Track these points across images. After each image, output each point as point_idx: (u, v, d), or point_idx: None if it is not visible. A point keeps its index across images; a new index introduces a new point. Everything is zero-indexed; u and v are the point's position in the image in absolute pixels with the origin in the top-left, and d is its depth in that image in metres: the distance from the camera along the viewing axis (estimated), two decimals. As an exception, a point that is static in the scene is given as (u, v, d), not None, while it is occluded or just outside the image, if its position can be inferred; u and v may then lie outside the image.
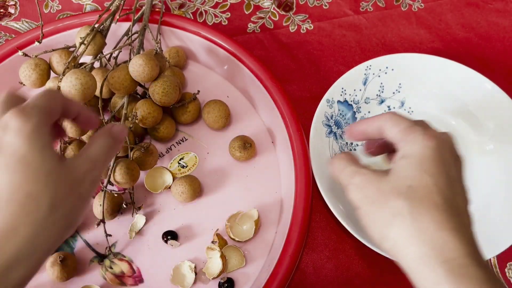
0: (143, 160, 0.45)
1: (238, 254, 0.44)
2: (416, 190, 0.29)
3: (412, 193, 0.29)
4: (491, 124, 0.49)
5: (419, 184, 0.29)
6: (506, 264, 0.47)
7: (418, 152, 0.30)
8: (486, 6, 0.59)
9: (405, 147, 0.31)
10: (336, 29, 0.57)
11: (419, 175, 0.29)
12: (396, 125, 0.33)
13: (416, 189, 0.29)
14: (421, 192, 0.29)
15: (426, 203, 0.29)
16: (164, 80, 0.44)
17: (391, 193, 0.30)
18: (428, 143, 0.30)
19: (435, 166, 0.30)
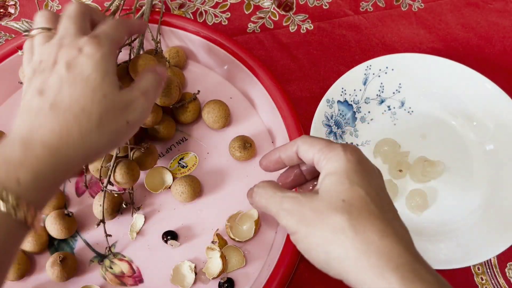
0: (143, 160, 0.45)
1: (238, 254, 0.44)
2: (351, 203, 0.29)
3: (348, 206, 0.29)
4: (491, 124, 0.49)
5: (352, 196, 0.29)
6: (506, 264, 0.47)
7: (343, 167, 0.30)
8: (486, 6, 0.59)
9: (327, 165, 0.31)
10: (336, 29, 0.57)
11: (349, 188, 0.30)
12: (312, 146, 0.33)
13: (350, 201, 0.29)
14: (357, 204, 0.29)
15: (364, 213, 0.29)
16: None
17: (327, 210, 0.29)
18: (350, 157, 0.31)
19: (362, 177, 0.30)
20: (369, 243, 0.28)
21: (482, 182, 0.48)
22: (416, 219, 0.47)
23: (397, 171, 0.49)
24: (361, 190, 0.30)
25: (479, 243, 0.45)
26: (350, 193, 0.29)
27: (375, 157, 0.50)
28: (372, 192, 0.30)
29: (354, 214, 0.29)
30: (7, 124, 0.49)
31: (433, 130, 0.51)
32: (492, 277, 0.46)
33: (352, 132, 0.51)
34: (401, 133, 0.51)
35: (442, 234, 0.46)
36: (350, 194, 0.29)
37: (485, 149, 0.49)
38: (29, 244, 0.42)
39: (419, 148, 0.50)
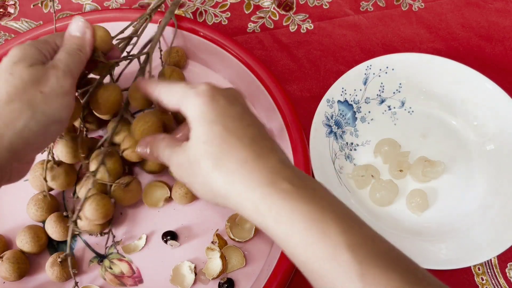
0: (121, 197, 0.43)
1: (238, 254, 0.44)
2: (211, 143, 0.31)
3: (209, 147, 0.31)
4: (492, 124, 0.49)
5: (210, 136, 0.31)
6: (507, 264, 0.47)
7: (198, 111, 0.32)
8: (486, 6, 0.59)
9: (188, 114, 0.33)
10: (337, 29, 0.57)
11: (207, 128, 0.32)
12: (171, 95, 0.35)
13: (211, 142, 0.31)
14: (216, 141, 0.31)
15: (225, 148, 0.31)
16: (146, 121, 0.40)
17: (196, 158, 0.32)
18: (203, 98, 0.32)
19: (217, 113, 0.32)
20: (232, 172, 0.30)
21: (483, 182, 0.48)
22: (417, 219, 0.47)
23: (397, 171, 0.48)
24: (218, 126, 0.31)
25: (479, 243, 0.44)
26: (208, 134, 0.31)
27: (375, 157, 0.50)
28: (230, 123, 0.32)
29: (215, 154, 0.31)
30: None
31: (434, 130, 0.51)
32: (492, 277, 0.46)
33: (353, 132, 0.51)
34: (402, 133, 0.51)
35: (442, 234, 0.46)
36: (208, 135, 0.31)
37: (485, 149, 0.49)
38: (28, 245, 0.42)
39: (420, 148, 0.50)
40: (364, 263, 0.26)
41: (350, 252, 0.27)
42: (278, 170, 0.30)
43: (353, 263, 0.26)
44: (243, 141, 0.31)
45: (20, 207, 0.45)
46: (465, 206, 0.48)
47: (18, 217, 0.45)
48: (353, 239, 0.27)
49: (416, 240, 0.45)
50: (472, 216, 0.47)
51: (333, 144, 0.49)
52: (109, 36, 0.40)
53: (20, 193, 0.45)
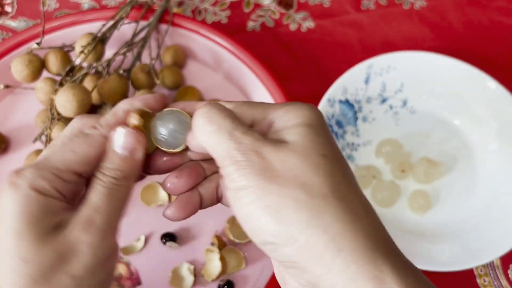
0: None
1: (237, 256, 0.44)
2: (332, 162, 0.23)
3: (330, 166, 0.23)
4: (495, 124, 0.49)
5: (333, 153, 0.23)
6: (509, 265, 0.46)
7: (315, 118, 0.24)
8: (488, 5, 0.59)
9: (291, 117, 0.24)
10: (337, 28, 0.57)
11: (327, 142, 0.24)
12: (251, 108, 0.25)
13: (332, 160, 0.23)
14: (338, 165, 0.23)
15: (345, 178, 0.23)
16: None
17: (304, 165, 0.22)
18: (316, 110, 0.25)
19: (330, 134, 0.25)
20: (357, 216, 0.21)
21: (486, 183, 0.48)
22: (419, 220, 0.47)
23: (399, 172, 0.48)
24: (338, 147, 0.24)
25: (482, 244, 0.44)
26: (330, 149, 0.23)
27: (377, 157, 0.49)
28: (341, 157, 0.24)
29: (337, 178, 0.22)
30: (4, 124, 0.49)
31: (436, 130, 0.51)
32: (494, 279, 0.46)
33: (354, 132, 0.50)
34: (404, 133, 0.50)
35: (444, 236, 0.46)
36: (330, 149, 0.23)
37: (488, 149, 0.49)
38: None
39: (422, 148, 0.49)
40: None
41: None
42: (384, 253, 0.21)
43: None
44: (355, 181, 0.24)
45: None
46: (468, 207, 0.47)
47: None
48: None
49: (418, 241, 0.45)
50: (475, 217, 0.46)
51: (334, 144, 0.48)
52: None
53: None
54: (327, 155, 0.23)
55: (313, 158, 0.22)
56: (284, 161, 0.22)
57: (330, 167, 0.23)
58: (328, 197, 0.22)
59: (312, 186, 0.22)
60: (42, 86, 0.44)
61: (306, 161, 0.22)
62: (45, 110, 0.46)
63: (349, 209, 0.22)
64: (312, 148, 0.23)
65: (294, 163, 0.22)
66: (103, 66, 0.45)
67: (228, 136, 0.23)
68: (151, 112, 0.27)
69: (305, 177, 0.22)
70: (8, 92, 0.51)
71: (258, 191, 0.22)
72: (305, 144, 0.23)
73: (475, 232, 0.45)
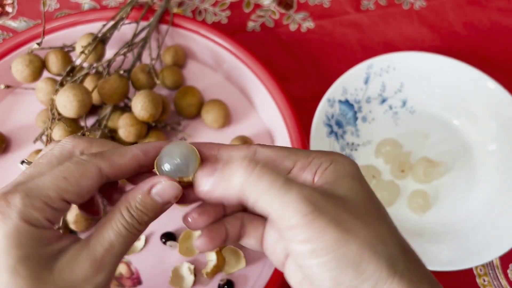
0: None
1: (238, 255, 0.44)
2: (379, 213, 0.25)
3: (383, 216, 0.25)
4: (494, 124, 0.49)
5: (375, 205, 0.25)
6: (508, 265, 0.46)
7: (354, 170, 0.25)
8: (488, 5, 0.59)
9: (330, 167, 0.25)
10: (337, 28, 0.57)
11: (369, 195, 0.25)
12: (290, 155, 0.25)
13: (379, 211, 0.25)
14: (381, 214, 0.25)
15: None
16: (146, 95, 0.43)
17: (365, 214, 0.24)
18: (352, 161, 0.26)
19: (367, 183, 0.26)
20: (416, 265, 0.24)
21: (485, 183, 0.48)
22: (418, 220, 0.47)
23: (399, 172, 0.48)
24: (377, 198, 0.25)
25: (481, 244, 0.44)
26: (373, 201, 0.25)
27: (376, 157, 0.49)
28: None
29: (392, 224, 0.24)
30: (5, 124, 0.49)
31: (436, 130, 0.51)
32: (494, 278, 0.46)
33: (354, 132, 0.50)
34: (403, 133, 0.50)
35: (444, 235, 0.46)
36: (373, 202, 0.25)
37: (488, 149, 0.49)
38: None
39: (421, 148, 0.49)
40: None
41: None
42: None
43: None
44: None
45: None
46: (467, 207, 0.47)
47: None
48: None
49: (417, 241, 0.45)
50: (474, 217, 0.46)
51: (334, 144, 0.48)
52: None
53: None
54: (376, 208, 0.24)
55: (367, 209, 0.23)
56: (349, 209, 0.23)
57: (383, 217, 0.24)
58: (396, 245, 0.23)
59: (384, 239, 0.23)
60: (43, 86, 0.44)
61: (363, 209, 0.23)
62: (45, 110, 0.46)
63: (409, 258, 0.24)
64: (360, 198, 0.24)
65: (358, 213, 0.23)
66: (104, 66, 0.45)
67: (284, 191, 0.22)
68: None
69: (376, 230, 0.23)
70: (9, 92, 0.51)
71: (333, 244, 0.22)
72: (352, 196, 0.23)
73: (474, 232, 0.45)
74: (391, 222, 0.25)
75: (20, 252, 0.21)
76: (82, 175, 0.23)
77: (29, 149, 0.46)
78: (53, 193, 0.23)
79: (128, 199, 0.24)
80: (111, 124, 0.46)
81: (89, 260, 0.22)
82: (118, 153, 0.25)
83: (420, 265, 0.24)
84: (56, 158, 0.24)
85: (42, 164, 0.24)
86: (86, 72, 0.44)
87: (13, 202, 0.22)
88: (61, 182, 0.23)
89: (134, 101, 0.43)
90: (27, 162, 0.26)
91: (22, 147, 0.48)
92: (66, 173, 0.23)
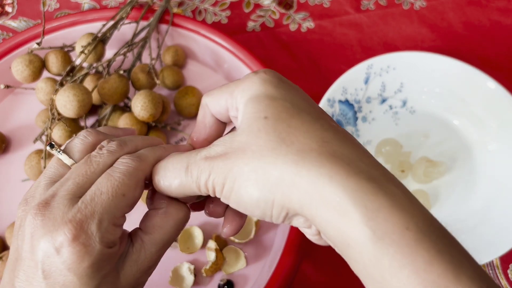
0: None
1: (238, 255, 0.44)
2: (276, 117, 0.24)
3: (274, 121, 0.24)
4: (494, 124, 0.49)
5: (276, 110, 0.24)
6: (509, 265, 0.46)
7: (260, 88, 0.25)
8: (488, 5, 0.59)
9: (243, 96, 0.25)
10: (337, 28, 0.57)
11: (271, 103, 0.24)
12: (221, 92, 0.26)
13: (276, 116, 0.24)
14: (283, 115, 0.24)
15: (294, 123, 0.24)
16: (146, 95, 0.43)
17: (250, 136, 0.24)
18: (265, 75, 0.26)
19: (285, 91, 0.26)
20: (306, 150, 0.22)
21: (485, 183, 0.48)
22: (418, 220, 0.47)
23: (399, 172, 0.48)
24: (286, 103, 0.24)
25: (481, 244, 0.44)
26: (273, 108, 0.24)
27: (377, 157, 0.49)
28: (301, 102, 0.25)
29: (281, 126, 0.23)
30: (5, 124, 0.49)
31: (436, 130, 0.51)
32: (494, 278, 0.46)
33: (354, 132, 0.50)
34: (403, 133, 0.50)
35: (444, 235, 0.46)
36: (273, 109, 0.24)
37: (488, 149, 0.49)
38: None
39: (421, 148, 0.49)
40: None
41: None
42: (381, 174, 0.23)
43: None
44: (316, 120, 0.24)
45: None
46: (467, 207, 0.47)
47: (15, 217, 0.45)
48: None
49: (417, 241, 0.45)
50: (474, 217, 0.46)
51: (333, 144, 0.48)
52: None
53: (17, 192, 0.45)
54: (268, 116, 0.23)
55: (255, 126, 0.23)
56: (237, 145, 0.24)
57: (273, 124, 0.23)
58: (275, 149, 0.23)
59: (259, 149, 0.23)
60: (43, 86, 0.44)
61: (250, 131, 0.23)
62: (45, 110, 0.46)
63: (297, 149, 0.22)
64: (253, 119, 0.24)
65: (244, 140, 0.23)
66: (104, 66, 0.45)
67: (185, 172, 0.25)
68: None
69: (252, 146, 0.23)
70: (9, 92, 0.51)
71: (229, 181, 0.23)
72: (247, 121, 0.24)
73: (474, 232, 0.45)
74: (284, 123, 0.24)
75: (101, 273, 0.23)
76: (136, 187, 0.25)
77: (29, 149, 0.46)
78: (118, 212, 0.24)
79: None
80: (111, 124, 0.46)
81: (147, 261, 0.25)
82: (152, 156, 0.26)
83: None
84: (107, 167, 0.25)
85: (93, 174, 0.25)
86: (86, 72, 0.44)
87: (90, 232, 0.23)
88: (122, 200, 0.24)
89: (134, 101, 0.43)
90: (65, 153, 0.27)
91: (22, 147, 0.48)
92: (124, 190, 0.24)
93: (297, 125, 0.23)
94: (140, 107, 0.43)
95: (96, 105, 0.47)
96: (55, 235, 0.22)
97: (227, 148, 0.24)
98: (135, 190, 0.25)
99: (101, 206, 0.23)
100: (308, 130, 0.23)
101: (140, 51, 0.47)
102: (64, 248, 0.22)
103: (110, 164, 0.25)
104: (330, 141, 0.23)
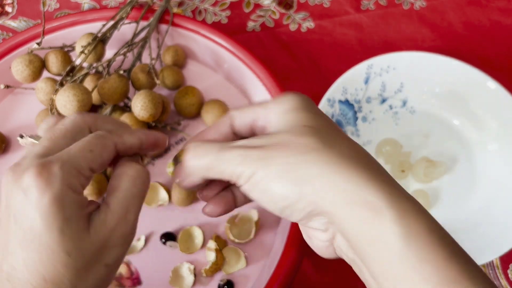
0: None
1: (238, 255, 0.44)
2: (318, 129, 0.27)
3: (316, 131, 0.26)
4: (494, 124, 0.49)
5: (318, 123, 0.27)
6: (509, 265, 0.46)
7: (301, 102, 0.27)
8: (488, 5, 0.59)
9: (279, 108, 0.27)
10: (337, 28, 0.57)
11: (314, 116, 0.27)
12: (250, 109, 0.28)
13: (317, 127, 0.27)
14: (324, 129, 0.27)
15: (334, 135, 0.27)
16: (146, 95, 0.43)
17: (290, 138, 0.26)
18: (304, 96, 0.28)
19: (322, 113, 0.28)
20: (346, 156, 0.25)
21: (485, 183, 0.48)
22: (418, 220, 0.47)
23: (399, 172, 0.48)
24: (323, 118, 0.27)
25: (481, 244, 0.44)
26: (313, 120, 0.26)
27: (377, 157, 0.49)
28: (333, 121, 0.28)
29: (322, 133, 0.26)
30: (5, 124, 0.49)
31: (436, 130, 0.51)
32: (494, 279, 0.46)
33: (354, 132, 0.50)
34: (403, 133, 0.50)
35: (444, 235, 0.46)
36: (313, 120, 0.26)
37: (488, 149, 0.49)
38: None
39: (421, 148, 0.49)
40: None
41: None
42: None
43: None
44: (350, 138, 0.27)
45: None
46: (467, 207, 0.47)
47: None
48: None
49: (417, 241, 0.45)
50: (474, 217, 0.46)
51: (333, 144, 0.48)
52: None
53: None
54: (311, 126, 0.26)
55: (296, 132, 0.26)
56: (275, 143, 0.26)
57: (316, 130, 0.26)
58: (318, 149, 0.25)
59: (302, 146, 0.25)
60: (43, 86, 0.44)
61: (290, 135, 0.26)
62: (45, 110, 0.46)
63: (338, 152, 0.25)
64: (293, 126, 0.26)
65: (282, 140, 0.25)
66: (104, 66, 0.45)
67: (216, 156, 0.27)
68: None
69: (295, 143, 0.25)
70: (9, 92, 0.51)
71: (257, 175, 0.25)
72: (286, 127, 0.26)
73: (474, 232, 0.45)
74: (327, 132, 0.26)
75: (64, 215, 0.24)
76: (104, 149, 0.27)
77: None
78: (83, 163, 0.25)
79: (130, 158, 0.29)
80: None
81: (115, 214, 0.26)
82: (128, 133, 0.28)
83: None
84: (70, 132, 0.27)
85: (57, 138, 0.27)
86: (86, 72, 0.44)
87: (53, 170, 0.24)
88: (88, 154, 0.26)
89: (134, 101, 0.43)
90: (34, 137, 0.28)
91: (22, 147, 0.48)
92: (91, 146, 0.26)
93: (337, 136, 0.26)
94: (140, 107, 0.43)
95: (96, 105, 0.47)
96: (22, 178, 0.24)
97: (265, 142, 0.26)
98: (102, 149, 0.26)
99: (67, 155, 0.25)
100: (344, 142, 0.26)
101: (140, 51, 0.47)
102: (30, 187, 0.24)
103: (73, 130, 0.27)
104: (364, 155, 0.26)
